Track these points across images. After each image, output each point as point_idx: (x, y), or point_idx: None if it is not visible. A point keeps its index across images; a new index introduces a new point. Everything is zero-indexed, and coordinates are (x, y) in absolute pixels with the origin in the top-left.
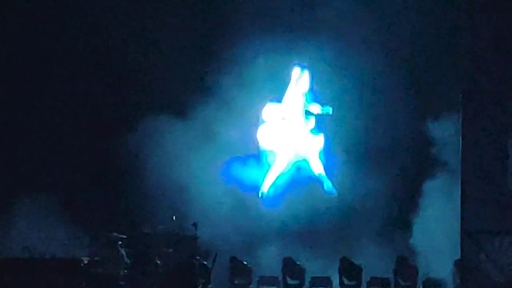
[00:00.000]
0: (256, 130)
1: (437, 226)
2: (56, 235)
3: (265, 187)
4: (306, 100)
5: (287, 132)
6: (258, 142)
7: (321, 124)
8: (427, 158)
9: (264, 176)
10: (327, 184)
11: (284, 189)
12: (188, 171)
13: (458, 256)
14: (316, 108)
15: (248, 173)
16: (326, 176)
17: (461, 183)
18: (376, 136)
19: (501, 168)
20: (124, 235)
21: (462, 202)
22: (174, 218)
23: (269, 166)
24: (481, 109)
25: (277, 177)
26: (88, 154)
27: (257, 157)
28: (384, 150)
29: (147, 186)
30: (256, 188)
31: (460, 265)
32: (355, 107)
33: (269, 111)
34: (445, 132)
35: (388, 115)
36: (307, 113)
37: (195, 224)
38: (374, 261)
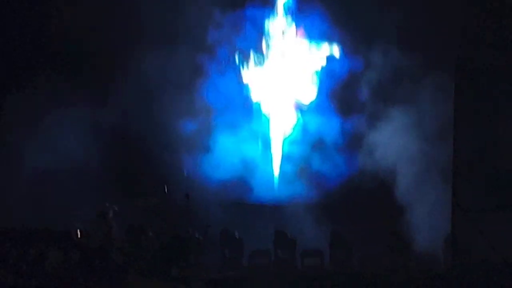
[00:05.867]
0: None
1: (429, 203)
2: (48, 207)
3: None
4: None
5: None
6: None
7: None
8: (420, 137)
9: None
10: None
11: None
12: (180, 140)
13: (449, 233)
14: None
15: (240, 137)
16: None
17: (454, 159)
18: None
19: (494, 144)
20: (116, 207)
21: (455, 179)
22: (166, 190)
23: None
24: (475, 86)
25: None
26: (80, 126)
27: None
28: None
29: (139, 157)
30: (249, 157)
31: (452, 243)
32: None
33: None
34: (437, 108)
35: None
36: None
37: (187, 196)
38: (365, 236)
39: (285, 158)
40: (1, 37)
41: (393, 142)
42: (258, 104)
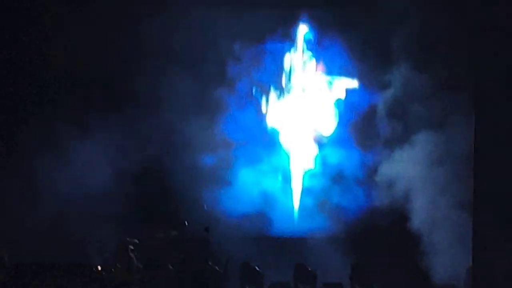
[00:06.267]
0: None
1: (449, 235)
2: (68, 240)
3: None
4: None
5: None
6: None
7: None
8: (440, 169)
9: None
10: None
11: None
12: (201, 175)
13: (469, 264)
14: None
15: (260, 170)
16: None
17: (474, 190)
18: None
19: None
20: (136, 240)
21: (475, 209)
22: (186, 223)
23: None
24: (495, 121)
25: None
26: (100, 158)
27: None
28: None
29: (159, 191)
30: (269, 191)
31: (472, 275)
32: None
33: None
34: (458, 141)
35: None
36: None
37: (207, 229)
38: (386, 268)
39: (305, 191)
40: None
41: (412, 174)
42: (278, 138)
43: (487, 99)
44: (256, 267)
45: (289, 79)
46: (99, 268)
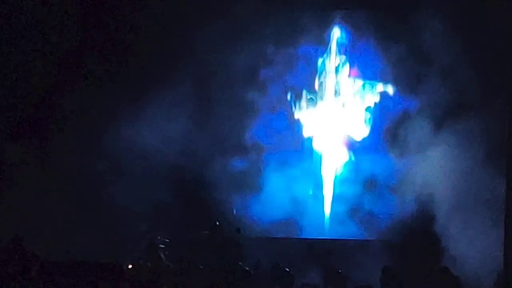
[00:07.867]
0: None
1: (481, 242)
2: (99, 239)
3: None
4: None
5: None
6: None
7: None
8: (472, 175)
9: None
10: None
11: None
12: (232, 175)
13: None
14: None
15: (291, 175)
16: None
17: (506, 198)
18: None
19: None
20: (167, 239)
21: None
22: (217, 223)
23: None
24: None
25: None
26: (131, 160)
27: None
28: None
29: (190, 192)
30: (301, 196)
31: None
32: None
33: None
34: (491, 146)
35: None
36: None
37: (238, 230)
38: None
39: (336, 197)
40: None
41: (445, 180)
42: (310, 143)
43: None
44: (286, 269)
45: (322, 83)
46: (130, 266)
